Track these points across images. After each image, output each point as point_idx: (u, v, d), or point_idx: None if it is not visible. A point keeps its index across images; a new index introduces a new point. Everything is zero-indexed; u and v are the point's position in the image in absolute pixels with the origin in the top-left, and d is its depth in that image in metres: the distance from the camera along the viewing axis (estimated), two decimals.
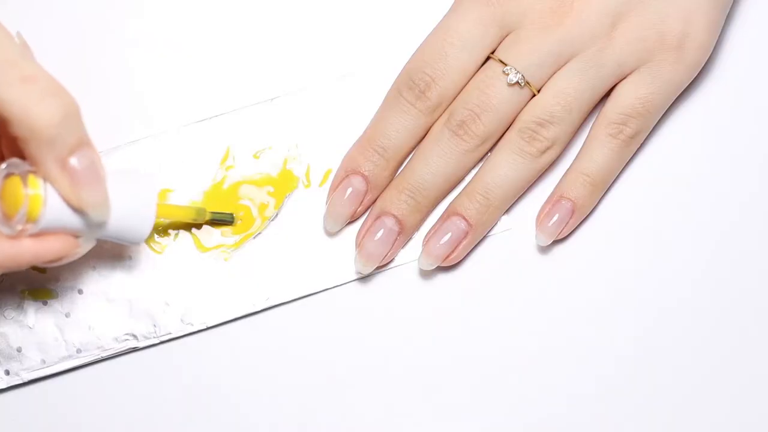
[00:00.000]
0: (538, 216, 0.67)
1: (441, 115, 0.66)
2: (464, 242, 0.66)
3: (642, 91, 0.66)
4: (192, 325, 0.65)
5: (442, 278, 0.67)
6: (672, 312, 0.66)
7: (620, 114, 0.66)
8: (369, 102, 0.68)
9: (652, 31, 0.66)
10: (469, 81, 0.66)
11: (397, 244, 0.66)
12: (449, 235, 0.65)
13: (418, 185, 0.65)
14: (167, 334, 0.65)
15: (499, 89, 0.65)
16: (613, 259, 0.67)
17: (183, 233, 0.66)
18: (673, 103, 0.68)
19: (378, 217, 0.66)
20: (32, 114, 0.55)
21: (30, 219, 0.56)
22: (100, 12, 0.69)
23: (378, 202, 0.66)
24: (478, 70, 0.66)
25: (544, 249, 0.67)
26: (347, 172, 0.66)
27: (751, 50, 0.69)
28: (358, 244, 0.66)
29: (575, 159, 0.67)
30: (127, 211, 0.59)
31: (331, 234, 0.66)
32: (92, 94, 0.68)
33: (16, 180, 0.56)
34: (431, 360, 0.66)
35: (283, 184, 0.67)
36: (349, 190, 0.66)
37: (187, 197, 0.67)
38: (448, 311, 0.66)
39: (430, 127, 0.66)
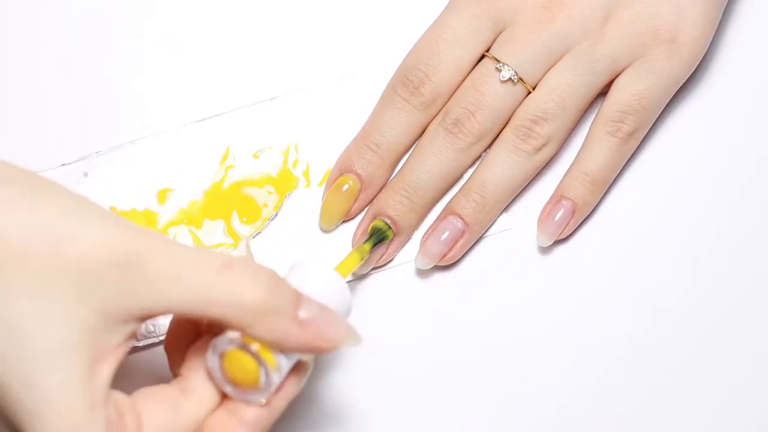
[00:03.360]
0: (540, 217, 0.66)
1: (437, 114, 0.66)
2: (461, 241, 0.65)
3: (638, 87, 0.66)
4: None
5: (440, 278, 0.66)
6: (672, 312, 0.66)
7: (618, 111, 0.66)
8: (369, 102, 0.68)
9: (645, 25, 0.65)
10: (464, 78, 0.66)
11: (395, 244, 0.66)
12: (446, 234, 0.65)
13: (414, 185, 0.65)
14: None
15: (493, 86, 0.65)
16: (613, 259, 0.67)
17: (183, 232, 0.66)
18: (672, 102, 0.67)
19: (374, 218, 0.65)
20: (247, 298, 0.52)
21: (273, 368, 0.54)
22: (100, 12, 0.69)
23: (374, 203, 0.66)
24: (473, 68, 0.66)
25: (544, 249, 0.67)
26: (341, 170, 0.66)
27: (750, 49, 0.69)
28: (355, 245, 0.66)
29: (575, 159, 0.66)
30: (334, 300, 0.56)
31: (326, 231, 0.66)
32: (92, 94, 0.68)
33: (234, 353, 0.54)
34: (429, 360, 0.65)
35: (282, 184, 0.67)
36: (345, 187, 0.66)
37: (187, 197, 0.67)
38: (446, 311, 0.66)
39: (426, 125, 0.66)
